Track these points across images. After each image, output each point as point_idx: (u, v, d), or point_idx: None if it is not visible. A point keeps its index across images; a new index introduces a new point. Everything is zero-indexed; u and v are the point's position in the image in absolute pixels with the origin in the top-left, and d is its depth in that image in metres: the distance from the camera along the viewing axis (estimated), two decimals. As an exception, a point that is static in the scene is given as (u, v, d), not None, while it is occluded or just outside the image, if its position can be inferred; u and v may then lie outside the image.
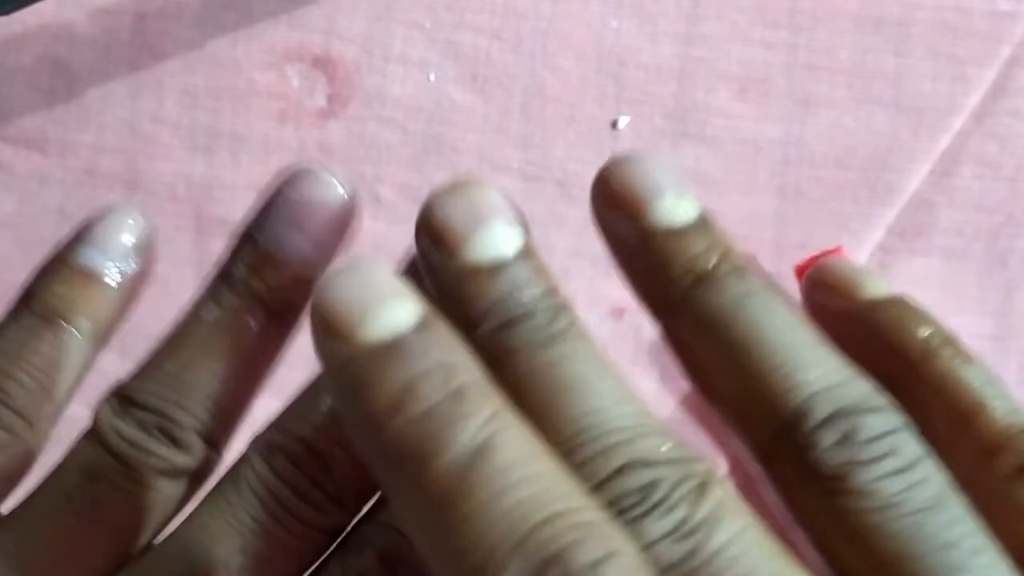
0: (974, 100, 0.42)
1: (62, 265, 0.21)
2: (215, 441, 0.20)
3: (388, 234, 0.42)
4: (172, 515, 0.20)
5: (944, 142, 0.42)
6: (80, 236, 0.22)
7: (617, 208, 0.19)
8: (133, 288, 0.22)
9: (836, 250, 0.39)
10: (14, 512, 0.20)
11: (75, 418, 0.21)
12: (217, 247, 0.41)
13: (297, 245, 0.21)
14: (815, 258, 0.40)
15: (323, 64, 0.42)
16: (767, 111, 0.42)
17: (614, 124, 0.42)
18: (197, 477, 0.20)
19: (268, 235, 0.21)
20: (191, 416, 0.19)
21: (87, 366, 0.22)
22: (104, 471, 0.19)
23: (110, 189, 0.41)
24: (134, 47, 0.42)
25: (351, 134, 0.42)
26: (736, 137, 0.42)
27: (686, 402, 0.42)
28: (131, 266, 0.22)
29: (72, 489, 0.19)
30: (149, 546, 0.20)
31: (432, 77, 0.42)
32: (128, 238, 0.22)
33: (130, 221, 0.22)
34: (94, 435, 0.20)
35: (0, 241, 0.42)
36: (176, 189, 0.41)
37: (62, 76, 0.42)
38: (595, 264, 0.42)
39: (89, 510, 0.19)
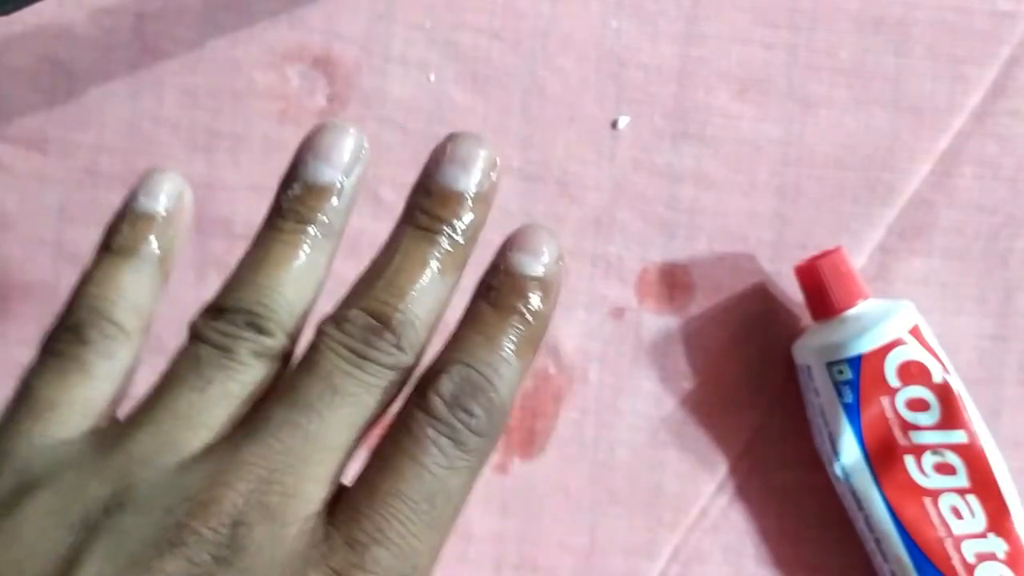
0: (974, 100, 0.42)
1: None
2: (293, 331, 0.25)
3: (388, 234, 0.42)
4: (265, 389, 0.24)
5: (944, 142, 0.42)
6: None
7: None
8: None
9: (836, 250, 0.39)
10: (140, 404, 0.24)
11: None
12: (217, 247, 0.41)
13: (326, 173, 0.26)
14: (815, 258, 0.40)
15: (323, 64, 0.42)
16: (767, 111, 0.42)
17: (614, 124, 0.42)
18: (283, 359, 0.25)
19: (303, 171, 0.26)
20: (270, 310, 0.24)
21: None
22: (208, 356, 0.24)
23: (110, 189, 0.41)
24: (134, 47, 0.42)
25: (351, 134, 0.42)
26: (736, 137, 0.42)
27: (686, 402, 0.42)
28: None
29: (186, 372, 0.24)
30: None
31: (432, 77, 0.42)
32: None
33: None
34: (193, 339, 0.24)
35: (1, 240, 0.42)
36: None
37: (62, 76, 0.42)
38: (595, 264, 0.42)
39: (202, 384, 0.23)
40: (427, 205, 0.26)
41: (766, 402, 0.42)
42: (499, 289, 0.26)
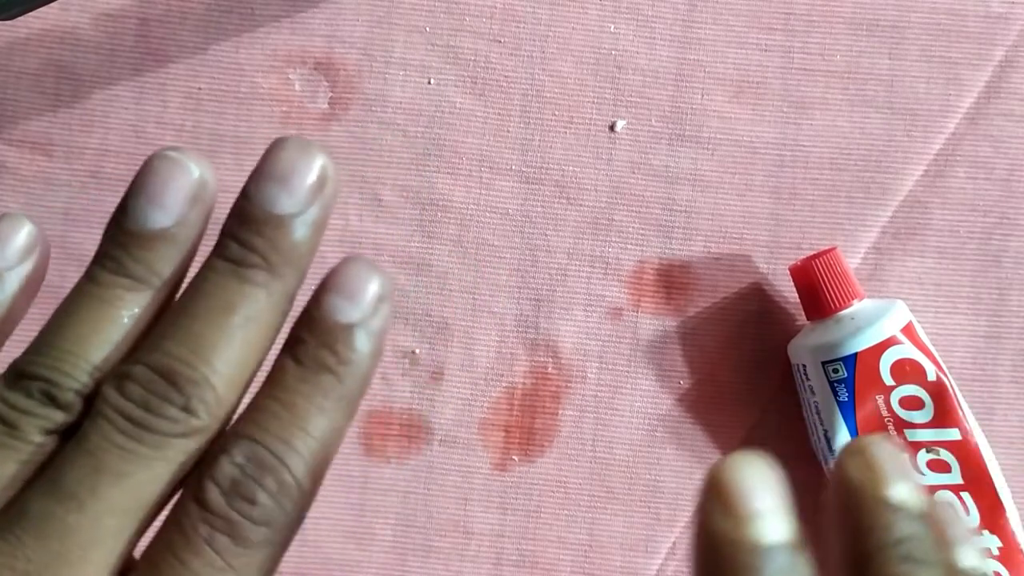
0: (968, 102, 0.42)
1: None
2: (93, 396, 0.21)
3: (389, 235, 0.42)
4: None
5: (938, 143, 0.42)
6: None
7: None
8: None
9: (831, 250, 0.40)
10: None
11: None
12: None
13: (155, 219, 0.22)
14: (810, 259, 0.40)
15: (325, 68, 0.42)
16: (762, 114, 0.42)
17: (612, 127, 0.42)
18: (76, 428, 0.21)
19: (130, 213, 0.22)
20: (70, 377, 0.21)
21: None
22: None
23: (115, 192, 0.42)
24: (138, 51, 0.42)
25: (352, 137, 0.42)
26: (732, 139, 0.42)
27: (683, 400, 0.42)
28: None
29: None
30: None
31: (432, 81, 0.42)
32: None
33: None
34: None
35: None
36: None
37: (67, 80, 0.42)
38: (593, 264, 0.42)
39: None
40: (238, 231, 0.22)
41: (762, 400, 0.42)
42: (306, 342, 0.22)
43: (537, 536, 0.42)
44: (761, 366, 0.42)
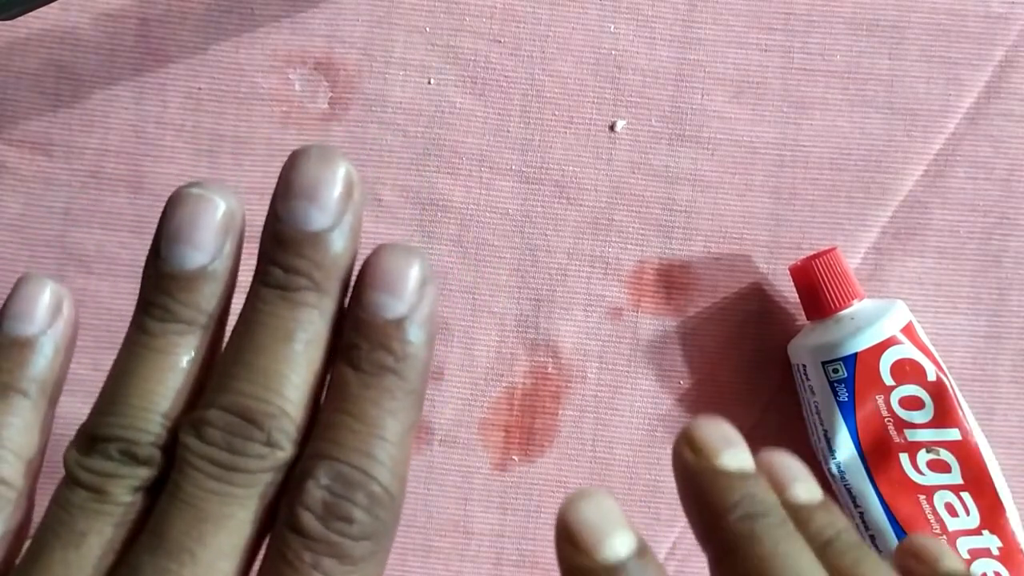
0: (967, 102, 0.42)
1: None
2: (170, 447, 0.21)
3: (389, 235, 0.42)
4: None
5: (938, 144, 0.42)
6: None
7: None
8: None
9: (831, 250, 0.40)
10: (20, 561, 0.21)
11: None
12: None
13: (193, 259, 0.22)
14: (810, 259, 0.40)
15: (325, 68, 0.42)
16: (762, 114, 0.42)
17: (612, 127, 0.42)
18: (160, 483, 0.21)
19: (166, 257, 0.22)
20: (146, 433, 0.21)
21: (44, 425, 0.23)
22: (82, 503, 0.21)
23: (114, 191, 0.42)
24: (138, 51, 0.42)
25: (352, 137, 0.42)
26: (732, 139, 0.42)
27: (683, 400, 0.42)
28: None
29: (58, 526, 0.21)
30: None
31: (432, 81, 0.42)
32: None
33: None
34: (66, 481, 0.21)
35: (6, 242, 0.42)
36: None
37: (67, 80, 0.42)
38: (593, 264, 0.42)
39: (76, 540, 0.20)
40: (278, 256, 0.22)
41: (762, 400, 0.42)
42: (360, 347, 0.21)
43: (537, 536, 0.42)
44: (761, 366, 0.42)
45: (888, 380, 0.38)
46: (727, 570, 0.22)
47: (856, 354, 0.38)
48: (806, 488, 0.24)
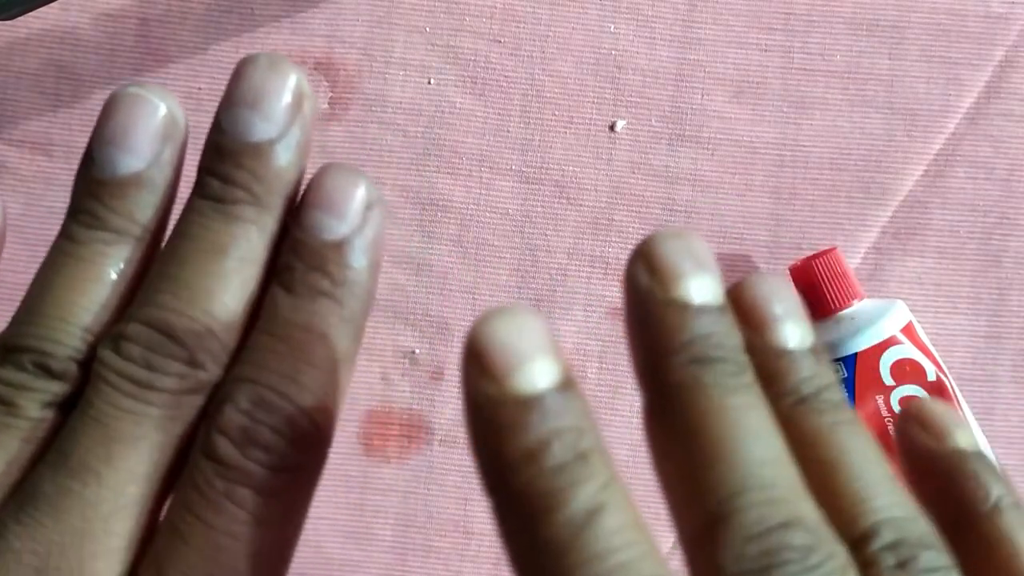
0: (967, 102, 0.42)
1: None
2: (89, 362, 0.20)
3: (389, 235, 0.42)
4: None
5: (938, 144, 0.42)
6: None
7: (747, 325, 0.19)
8: None
9: (831, 250, 0.40)
10: None
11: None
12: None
13: (126, 164, 0.20)
14: (810, 259, 0.40)
15: (325, 68, 0.42)
16: (762, 114, 0.42)
17: (612, 127, 0.42)
18: (75, 399, 0.20)
19: (97, 161, 0.20)
20: (62, 345, 0.19)
21: None
22: None
23: (115, 192, 0.42)
24: (138, 51, 0.42)
25: (352, 137, 0.42)
26: (732, 139, 0.42)
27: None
28: None
29: None
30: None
31: (432, 81, 0.42)
32: None
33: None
34: None
35: (7, 242, 0.42)
36: (180, 192, 0.42)
37: (67, 80, 0.42)
38: (593, 264, 0.42)
39: None
40: (216, 166, 0.20)
41: (762, 401, 0.42)
42: (294, 268, 0.20)
43: (537, 536, 0.42)
44: (761, 366, 0.42)
45: (888, 380, 0.38)
46: (657, 424, 0.18)
47: (856, 354, 0.38)
48: (795, 330, 0.19)
